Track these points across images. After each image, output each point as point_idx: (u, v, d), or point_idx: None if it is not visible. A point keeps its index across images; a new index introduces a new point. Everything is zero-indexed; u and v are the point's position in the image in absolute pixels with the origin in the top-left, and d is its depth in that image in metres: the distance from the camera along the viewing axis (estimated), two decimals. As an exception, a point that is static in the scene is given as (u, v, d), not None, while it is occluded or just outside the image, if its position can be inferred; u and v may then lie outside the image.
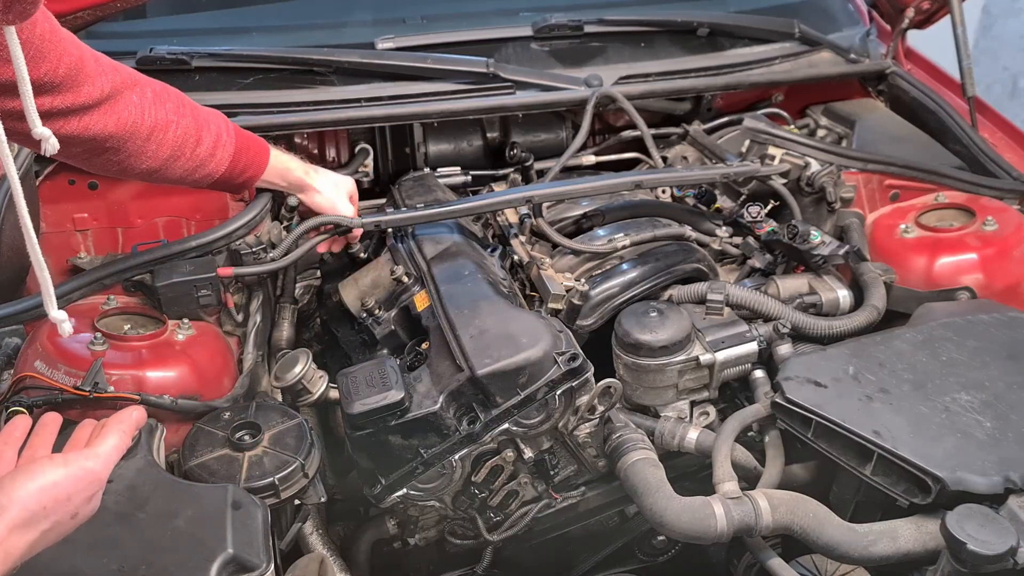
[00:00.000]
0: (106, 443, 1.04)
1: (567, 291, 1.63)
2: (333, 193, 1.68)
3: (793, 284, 1.74)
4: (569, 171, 2.06)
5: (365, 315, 1.66)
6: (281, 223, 1.82)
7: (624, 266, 1.69)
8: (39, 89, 1.20)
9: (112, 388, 1.41)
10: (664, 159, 2.10)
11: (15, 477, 0.95)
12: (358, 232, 1.71)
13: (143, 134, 1.40)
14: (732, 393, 1.69)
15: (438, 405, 1.41)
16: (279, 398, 1.58)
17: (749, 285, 1.71)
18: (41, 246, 1.73)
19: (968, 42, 2.09)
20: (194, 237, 1.60)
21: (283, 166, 1.64)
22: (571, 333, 1.52)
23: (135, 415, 1.11)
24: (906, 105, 2.22)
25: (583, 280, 1.66)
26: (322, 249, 1.71)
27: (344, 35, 2.16)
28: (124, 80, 1.37)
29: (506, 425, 1.44)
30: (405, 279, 1.64)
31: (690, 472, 1.67)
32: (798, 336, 1.63)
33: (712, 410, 1.64)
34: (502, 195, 1.77)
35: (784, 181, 1.94)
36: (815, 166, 1.94)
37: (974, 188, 1.94)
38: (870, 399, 1.40)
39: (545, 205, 1.80)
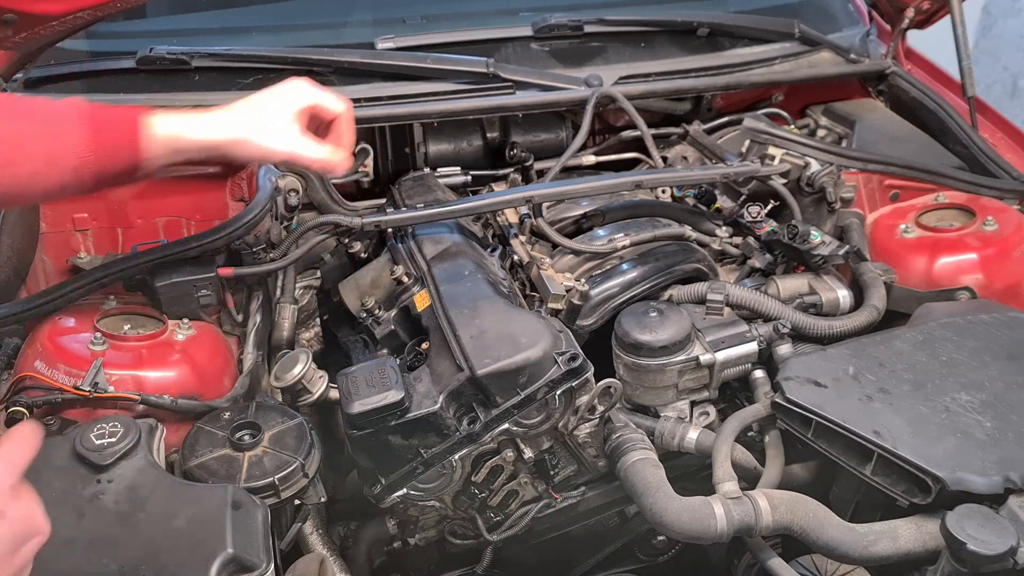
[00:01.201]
0: None
1: (567, 291, 1.63)
2: (264, 133, 1.30)
3: (793, 284, 1.74)
4: (569, 171, 2.06)
5: (365, 315, 1.66)
6: (281, 223, 1.82)
7: (624, 266, 1.69)
8: None
9: (112, 388, 1.41)
10: (664, 159, 2.10)
11: None
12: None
13: None
14: (732, 393, 1.69)
15: (438, 405, 1.41)
16: (279, 398, 1.58)
17: (749, 285, 1.71)
18: (41, 246, 1.75)
19: (968, 42, 2.09)
20: (194, 237, 1.60)
21: (174, 134, 1.28)
22: (571, 333, 1.52)
23: (29, 431, 0.92)
24: (906, 105, 2.22)
25: (583, 280, 1.66)
26: None
27: (344, 35, 2.16)
28: None
29: (506, 425, 1.44)
30: (405, 279, 1.64)
31: (690, 472, 1.67)
32: (798, 336, 1.63)
33: (712, 410, 1.64)
34: (502, 195, 1.77)
35: (784, 181, 1.94)
36: (815, 166, 1.94)
37: (974, 188, 1.94)
38: (870, 399, 1.40)
39: (545, 205, 1.80)
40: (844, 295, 1.71)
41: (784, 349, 1.59)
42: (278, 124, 1.31)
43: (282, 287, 1.79)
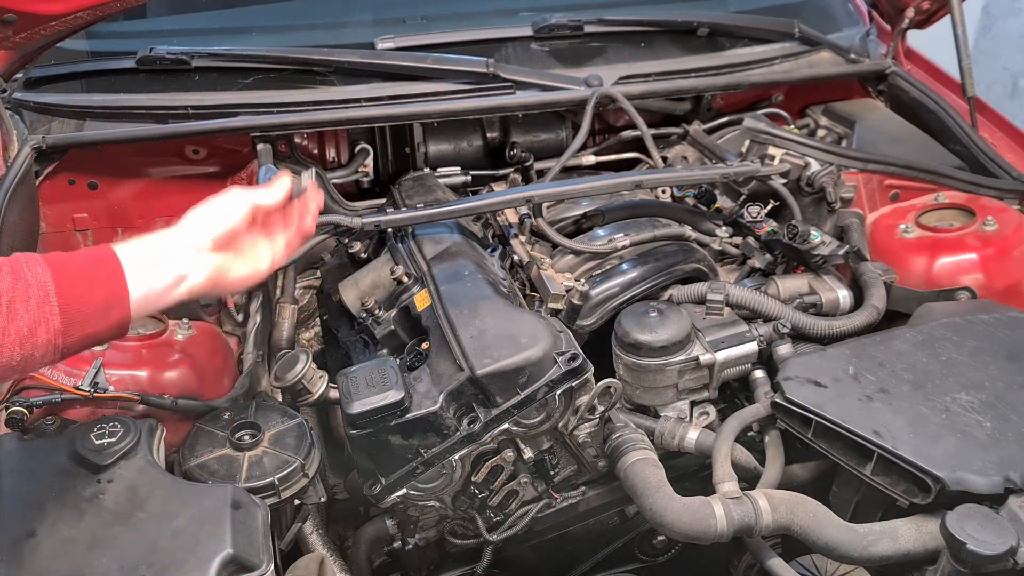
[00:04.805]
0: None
1: (567, 291, 1.63)
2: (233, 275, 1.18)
3: (793, 284, 1.74)
4: (569, 171, 2.06)
5: (365, 315, 1.66)
6: (281, 223, 1.81)
7: (624, 266, 1.69)
8: None
9: (112, 388, 1.41)
10: (664, 159, 2.10)
11: None
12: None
13: None
14: (732, 393, 1.68)
15: (438, 405, 1.41)
16: (279, 398, 1.58)
17: (749, 285, 1.71)
18: (41, 246, 1.75)
19: (968, 42, 2.09)
20: (194, 237, 1.60)
21: (151, 290, 1.10)
22: (571, 333, 1.52)
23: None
24: (906, 105, 2.22)
25: (583, 280, 1.66)
26: None
27: (344, 35, 2.16)
28: None
29: (506, 425, 1.44)
30: (405, 279, 1.64)
31: (690, 472, 1.67)
32: (798, 336, 1.63)
33: (712, 410, 1.64)
34: (502, 195, 1.77)
35: (784, 181, 1.94)
36: (815, 166, 1.94)
37: (974, 188, 1.94)
38: (870, 399, 1.40)
39: (545, 205, 1.80)
40: (844, 295, 1.71)
41: (784, 349, 1.59)
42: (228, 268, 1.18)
43: (282, 287, 1.79)
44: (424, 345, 1.55)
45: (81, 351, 1.09)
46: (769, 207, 1.87)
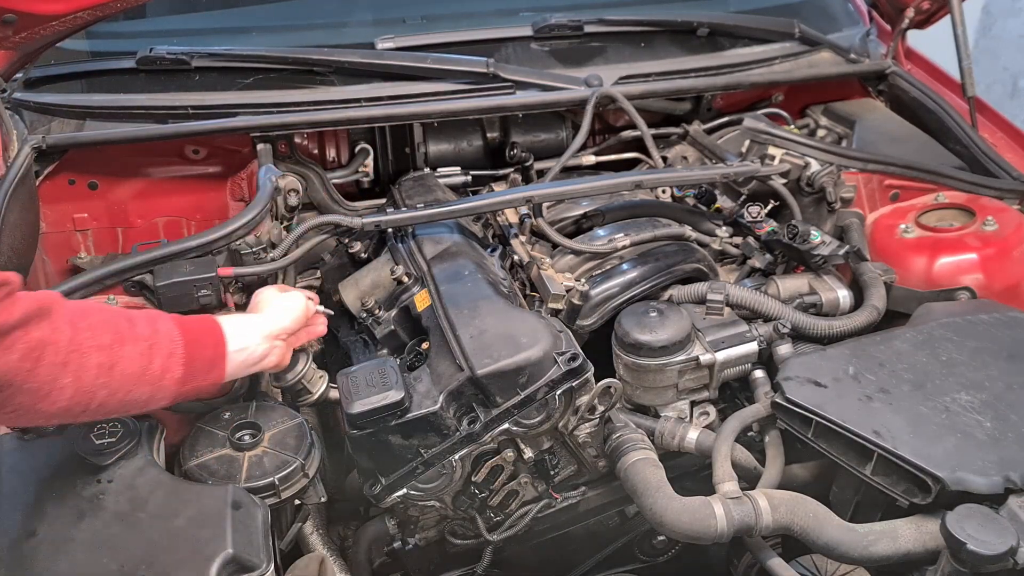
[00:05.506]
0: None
1: (567, 291, 1.63)
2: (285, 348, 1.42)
3: (793, 284, 1.74)
4: (569, 171, 2.06)
5: (365, 315, 1.66)
6: (281, 223, 1.82)
7: (624, 266, 1.69)
8: None
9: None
10: (664, 159, 2.10)
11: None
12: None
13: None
14: (732, 393, 1.69)
15: (438, 405, 1.41)
16: (279, 398, 1.58)
17: (749, 285, 1.71)
18: (41, 246, 1.75)
19: (968, 42, 2.09)
20: (194, 237, 1.60)
21: (243, 360, 1.32)
22: (571, 333, 1.52)
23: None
24: (906, 105, 2.22)
25: (583, 280, 1.66)
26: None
27: (344, 35, 2.16)
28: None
29: (506, 425, 1.44)
30: (405, 279, 1.64)
31: (690, 472, 1.67)
32: (798, 336, 1.63)
33: (712, 410, 1.64)
34: (502, 195, 1.77)
35: (784, 181, 1.94)
36: (815, 166, 1.94)
37: (974, 188, 1.94)
38: (870, 399, 1.40)
39: (545, 205, 1.80)
40: (844, 295, 1.71)
41: (784, 349, 1.59)
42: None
43: (282, 287, 1.79)
44: (424, 345, 1.55)
45: (185, 400, 1.27)
46: (769, 207, 1.87)
